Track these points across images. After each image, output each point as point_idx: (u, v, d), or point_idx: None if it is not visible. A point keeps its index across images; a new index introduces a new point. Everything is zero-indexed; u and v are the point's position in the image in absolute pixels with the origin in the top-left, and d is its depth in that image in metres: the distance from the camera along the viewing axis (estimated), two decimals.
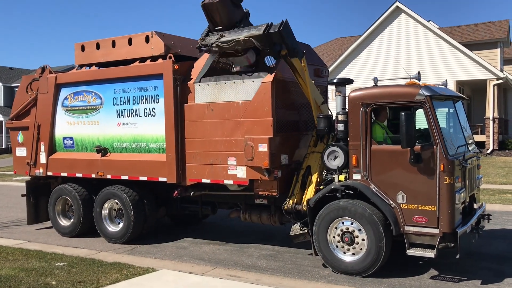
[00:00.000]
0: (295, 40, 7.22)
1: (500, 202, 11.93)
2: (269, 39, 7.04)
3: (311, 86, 7.43)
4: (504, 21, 30.41)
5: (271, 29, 6.99)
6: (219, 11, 7.49)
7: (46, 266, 7.34)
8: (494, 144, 25.69)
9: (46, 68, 9.86)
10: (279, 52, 7.13)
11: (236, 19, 7.65)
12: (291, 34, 7.13)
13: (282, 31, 6.91)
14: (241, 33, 7.30)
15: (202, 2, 7.55)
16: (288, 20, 7.05)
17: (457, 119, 7.09)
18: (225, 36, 7.42)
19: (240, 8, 7.76)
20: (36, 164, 9.91)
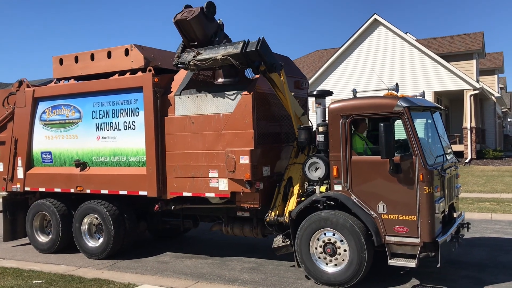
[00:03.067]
0: (272, 56, 7.20)
1: (479, 211, 12.10)
2: (247, 57, 6.99)
3: (290, 99, 7.46)
4: (479, 33, 31.18)
5: (248, 47, 6.92)
6: (193, 28, 7.48)
7: (23, 284, 7.16)
8: (472, 153, 26.15)
9: (23, 81, 9.72)
10: (258, 68, 7.14)
11: (211, 33, 7.67)
12: (268, 51, 7.10)
13: (260, 50, 6.86)
14: (218, 50, 7.22)
15: (175, 19, 7.53)
16: (264, 37, 7.02)
17: (435, 129, 7.19)
18: (201, 53, 7.35)
19: (214, 21, 7.75)
20: (13, 180, 9.71)
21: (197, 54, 7.38)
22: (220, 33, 7.79)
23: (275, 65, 7.14)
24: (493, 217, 11.47)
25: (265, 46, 6.99)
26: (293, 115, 7.48)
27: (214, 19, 7.76)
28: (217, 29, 7.75)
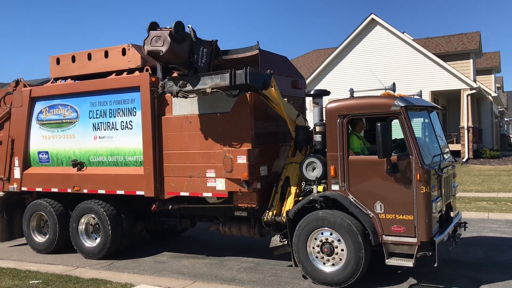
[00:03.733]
0: (261, 75, 6.91)
1: (476, 210, 12.13)
2: (237, 87, 6.87)
3: (284, 105, 7.37)
4: (475, 33, 31.25)
5: (237, 80, 6.73)
6: (169, 59, 7.11)
7: (20, 285, 7.14)
8: (469, 152, 26.21)
9: (20, 81, 9.70)
10: (249, 89, 7.03)
11: (187, 53, 7.11)
12: (257, 76, 6.83)
13: (250, 82, 6.69)
14: (205, 81, 6.97)
15: (146, 50, 7.00)
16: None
17: (432, 128, 7.21)
18: (187, 84, 7.12)
19: (186, 39, 7.04)
20: (10, 179, 9.68)
21: (183, 85, 7.14)
22: (196, 47, 7.14)
23: (266, 83, 6.97)
24: (490, 217, 11.50)
25: (253, 75, 6.71)
26: (289, 120, 7.46)
27: (185, 36, 7.02)
28: (191, 45, 7.10)
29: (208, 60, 7.30)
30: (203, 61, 7.21)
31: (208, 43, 7.34)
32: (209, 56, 7.30)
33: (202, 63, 7.19)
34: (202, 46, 7.21)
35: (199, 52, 7.16)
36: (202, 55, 7.20)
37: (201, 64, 7.18)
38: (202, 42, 7.23)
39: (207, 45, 7.30)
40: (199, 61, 7.15)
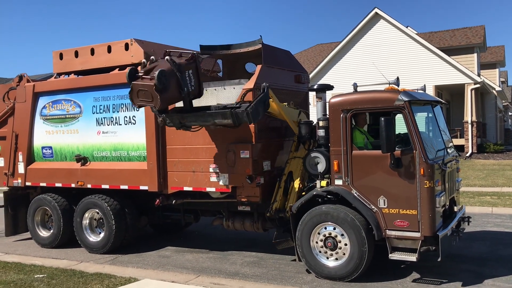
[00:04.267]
0: (261, 103, 6.69)
1: (480, 205, 12.11)
2: (240, 123, 6.76)
3: (284, 111, 7.32)
4: (480, 27, 31.07)
5: (239, 120, 6.59)
6: (163, 106, 6.83)
7: (25, 279, 7.18)
8: (473, 147, 26.13)
9: (23, 76, 9.71)
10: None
11: (177, 89, 6.76)
12: (258, 108, 6.64)
13: (253, 120, 6.60)
14: (206, 118, 6.85)
15: (139, 104, 6.74)
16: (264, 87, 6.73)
17: (436, 123, 7.18)
18: (187, 119, 6.99)
19: (171, 81, 6.58)
20: (14, 175, 9.73)
21: (183, 119, 7.00)
22: (183, 80, 6.75)
23: (267, 104, 6.83)
24: (493, 211, 11.48)
25: (255, 111, 6.53)
26: (290, 122, 7.46)
27: (169, 79, 6.52)
28: (177, 81, 6.68)
29: (196, 79, 7.01)
30: (192, 84, 6.93)
31: (190, 60, 6.93)
32: (196, 74, 6.98)
33: (192, 87, 6.92)
34: (187, 70, 6.83)
35: (187, 81, 6.83)
36: (190, 80, 6.89)
37: (191, 88, 6.92)
38: (184, 66, 6.79)
39: (190, 64, 6.90)
40: (189, 88, 6.87)
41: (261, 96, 6.68)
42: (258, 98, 6.66)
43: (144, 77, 6.54)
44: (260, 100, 6.67)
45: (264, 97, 6.73)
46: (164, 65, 6.61)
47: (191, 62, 6.95)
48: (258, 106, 6.63)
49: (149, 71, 6.64)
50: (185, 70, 6.80)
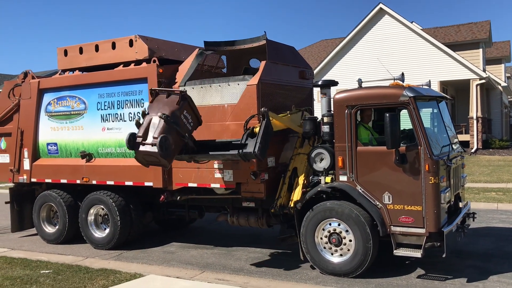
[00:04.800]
0: (267, 136, 6.64)
1: (485, 201, 12.07)
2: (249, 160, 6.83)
3: (288, 123, 7.33)
4: (485, 22, 30.87)
5: (247, 158, 6.65)
6: (172, 161, 6.94)
7: (31, 274, 7.23)
8: (478, 143, 26.03)
9: (28, 73, 9.75)
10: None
11: (180, 141, 6.78)
12: (265, 143, 6.60)
13: (260, 157, 6.60)
14: (215, 157, 7.03)
15: (149, 163, 6.76)
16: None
17: (441, 119, 7.16)
18: (197, 157, 7.13)
19: (172, 139, 6.52)
20: (19, 171, 9.77)
21: (192, 158, 7.15)
22: (182, 133, 6.72)
23: (270, 130, 6.75)
24: (499, 207, 11.44)
25: (262, 149, 6.53)
26: (295, 128, 7.47)
27: (169, 140, 6.46)
28: (178, 134, 6.64)
29: (193, 114, 6.95)
30: (191, 122, 6.90)
31: (181, 101, 6.74)
32: (190, 108, 6.92)
33: (191, 124, 6.92)
34: (181, 113, 6.73)
35: (185, 125, 6.82)
36: (187, 120, 6.84)
37: (191, 126, 6.93)
38: (178, 111, 6.69)
39: (183, 105, 6.76)
40: (189, 128, 6.89)
41: (263, 128, 6.58)
42: (262, 132, 6.55)
43: (145, 143, 6.48)
44: (264, 133, 6.58)
45: (266, 127, 6.63)
46: (161, 125, 6.47)
47: (183, 102, 6.78)
48: (264, 140, 6.58)
49: (145, 132, 6.54)
50: (181, 114, 6.71)
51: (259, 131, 6.60)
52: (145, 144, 6.49)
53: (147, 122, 6.61)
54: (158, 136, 6.36)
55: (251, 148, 6.50)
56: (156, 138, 6.36)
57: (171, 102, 6.72)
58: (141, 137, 6.55)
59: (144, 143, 6.51)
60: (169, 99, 6.77)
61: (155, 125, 6.52)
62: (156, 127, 6.50)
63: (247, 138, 6.69)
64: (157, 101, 6.82)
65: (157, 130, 6.46)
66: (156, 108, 6.70)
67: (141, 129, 6.61)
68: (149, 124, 6.59)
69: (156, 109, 6.68)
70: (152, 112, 6.69)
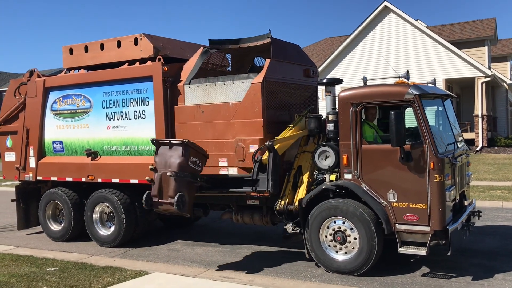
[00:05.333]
0: (275, 168, 6.89)
1: (490, 199, 12.03)
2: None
3: (294, 136, 7.35)
4: (491, 19, 30.71)
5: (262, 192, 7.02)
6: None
7: (37, 271, 7.27)
8: (483, 141, 25.92)
9: (34, 71, 9.79)
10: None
11: (195, 188, 7.15)
12: (276, 176, 6.90)
13: (275, 191, 6.96)
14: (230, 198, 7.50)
15: (155, 211, 7.07)
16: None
17: (446, 117, 7.14)
18: (209, 192, 7.52)
19: (186, 196, 6.82)
20: (25, 169, 9.83)
21: (208, 193, 7.53)
22: (195, 183, 7.11)
23: (278, 161, 6.96)
24: (504, 205, 11.40)
25: (275, 182, 6.88)
26: (302, 134, 7.48)
27: (184, 197, 6.79)
28: (190, 183, 6.97)
29: (199, 155, 7.09)
30: (199, 164, 7.06)
31: (185, 150, 6.89)
32: (196, 152, 7.04)
33: (200, 167, 7.09)
34: (189, 162, 6.90)
35: (196, 169, 7.00)
36: (196, 164, 7.01)
37: (201, 167, 7.10)
38: (186, 163, 6.85)
39: (188, 154, 6.90)
40: (200, 170, 7.08)
41: (272, 163, 6.82)
42: (272, 168, 6.82)
43: (162, 202, 6.82)
44: (273, 166, 6.85)
45: (274, 160, 6.85)
46: (173, 183, 6.71)
47: (187, 150, 6.88)
48: (275, 174, 6.87)
49: (160, 190, 6.84)
50: (188, 163, 6.86)
51: (268, 166, 6.82)
52: (162, 203, 6.80)
53: (158, 180, 6.86)
54: (174, 195, 6.63)
55: (264, 186, 6.85)
56: (172, 197, 6.65)
57: (176, 153, 6.88)
58: (157, 196, 6.86)
59: (161, 202, 6.82)
60: (172, 150, 6.93)
61: (167, 183, 6.77)
62: (169, 185, 6.75)
63: (258, 174, 6.94)
64: (162, 154, 7.01)
65: (170, 189, 6.72)
66: (163, 161, 6.93)
67: (154, 188, 6.91)
68: (160, 181, 6.83)
69: (163, 163, 6.91)
70: (160, 167, 6.93)
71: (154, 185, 6.90)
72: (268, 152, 6.85)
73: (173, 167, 6.73)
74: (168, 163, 6.83)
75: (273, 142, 6.83)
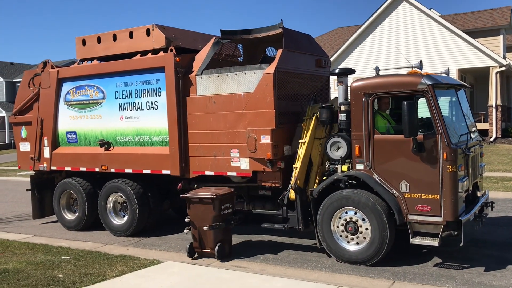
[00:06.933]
0: (305, 209, 7.16)
1: (504, 190, 11.94)
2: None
3: (311, 144, 7.35)
4: (506, 8, 30.18)
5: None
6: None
7: (53, 260, 7.40)
8: (497, 131, 25.62)
9: (47, 62, 9.88)
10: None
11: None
12: (306, 218, 7.18)
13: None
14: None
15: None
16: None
17: (460, 107, 7.08)
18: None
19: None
20: (40, 159, 9.96)
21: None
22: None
23: (305, 198, 7.17)
24: None
25: (306, 221, 7.15)
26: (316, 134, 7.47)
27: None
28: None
29: (227, 200, 7.43)
30: (230, 207, 7.48)
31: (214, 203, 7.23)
32: (225, 201, 7.40)
33: (232, 208, 7.56)
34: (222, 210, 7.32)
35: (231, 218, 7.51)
36: (228, 209, 7.44)
37: (233, 206, 7.61)
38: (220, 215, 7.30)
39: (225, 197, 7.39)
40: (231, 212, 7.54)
41: (300, 204, 7.06)
42: (300, 208, 7.07)
43: (205, 251, 7.30)
44: (301, 207, 7.07)
45: (301, 200, 7.08)
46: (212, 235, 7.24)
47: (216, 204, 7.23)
48: (303, 211, 7.11)
49: (204, 243, 7.32)
50: (225, 208, 7.39)
51: (296, 205, 7.09)
52: (204, 252, 7.32)
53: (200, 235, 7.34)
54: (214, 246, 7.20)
55: (295, 224, 7.18)
56: (215, 251, 7.18)
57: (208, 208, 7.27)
58: (198, 248, 7.39)
59: (204, 251, 7.32)
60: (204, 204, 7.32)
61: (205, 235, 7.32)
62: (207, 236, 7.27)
63: (288, 212, 7.25)
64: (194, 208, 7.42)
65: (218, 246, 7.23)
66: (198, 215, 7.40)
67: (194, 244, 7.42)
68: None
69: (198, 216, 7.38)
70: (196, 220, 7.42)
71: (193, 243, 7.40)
72: (295, 194, 7.04)
73: (207, 220, 7.19)
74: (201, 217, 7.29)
75: (297, 186, 7.02)
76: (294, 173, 7.09)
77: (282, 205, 7.22)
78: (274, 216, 7.58)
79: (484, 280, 5.94)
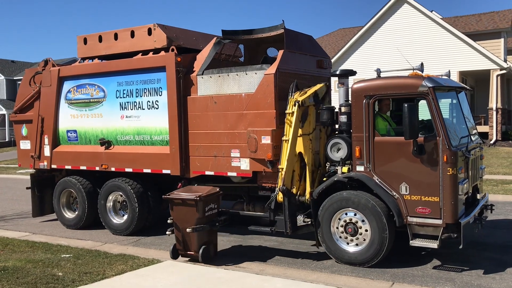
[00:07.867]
0: (292, 209, 6.99)
1: (503, 193, 11.94)
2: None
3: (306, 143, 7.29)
4: (508, 11, 30.19)
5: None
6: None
7: (52, 258, 7.40)
8: (497, 134, 25.63)
9: (49, 61, 9.88)
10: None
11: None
12: (293, 221, 7.02)
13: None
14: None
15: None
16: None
17: (460, 109, 7.08)
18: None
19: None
20: (40, 157, 9.96)
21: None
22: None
23: (293, 201, 7.09)
24: None
25: (294, 225, 6.97)
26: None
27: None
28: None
29: (213, 200, 7.33)
30: (215, 207, 7.39)
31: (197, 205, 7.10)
32: (209, 201, 7.30)
33: (217, 208, 7.47)
34: (208, 208, 7.24)
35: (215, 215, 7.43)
36: (212, 209, 7.34)
37: (218, 207, 7.52)
38: (209, 214, 7.26)
39: (209, 198, 7.24)
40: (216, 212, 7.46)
41: (288, 207, 6.88)
42: (288, 211, 6.89)
43: (189, 253, 7.16)
44: (289, 210, 6.90)
45: (289, 203, 6.90)
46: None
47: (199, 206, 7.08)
48: (291, 214, 6.94)
49: (188, 246, 7.17)
50: (210, 209, 7.24)
51: (284, 208, 6.90)
52: (189, 254, 7.20)
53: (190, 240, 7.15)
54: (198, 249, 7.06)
55: (283, 228, 6.95)
56: (198, 254, 7.03)
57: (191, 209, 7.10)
58: (182, 251, 7.25)
59: (188, 253, 7.19)
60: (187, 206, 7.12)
61: (192, 240, 7.13)
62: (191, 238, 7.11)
63: (275, 214, 7.10)
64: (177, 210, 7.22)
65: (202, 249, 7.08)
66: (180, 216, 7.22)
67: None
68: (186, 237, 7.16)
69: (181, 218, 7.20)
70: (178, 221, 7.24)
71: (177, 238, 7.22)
72: (283, 196, 6.86)
73: (190, 222, 7.02)
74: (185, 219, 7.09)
75: (286, 188, 6.86)
76: (281, 174, 6.91)
77: (270, 210, 7.07)
78: (261, 218, 7.42)
79: (483, 283, 5.95)
